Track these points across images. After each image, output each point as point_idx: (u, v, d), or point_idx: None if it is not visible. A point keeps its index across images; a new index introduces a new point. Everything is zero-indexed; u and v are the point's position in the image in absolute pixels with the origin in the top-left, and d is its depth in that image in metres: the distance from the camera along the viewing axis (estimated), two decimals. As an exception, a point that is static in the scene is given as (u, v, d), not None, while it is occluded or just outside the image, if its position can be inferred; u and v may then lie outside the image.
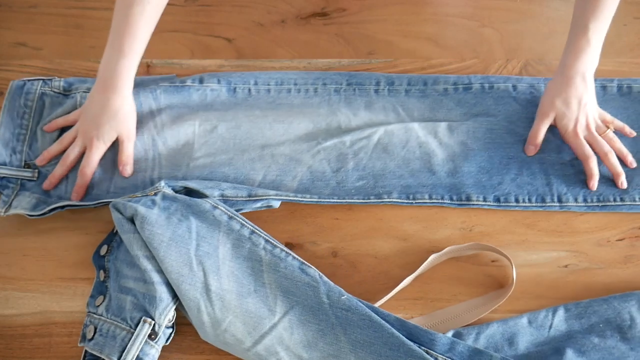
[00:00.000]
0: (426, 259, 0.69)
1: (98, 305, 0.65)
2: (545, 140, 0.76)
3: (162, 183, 0.69)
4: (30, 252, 0.71)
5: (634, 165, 0.74)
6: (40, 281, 0.69)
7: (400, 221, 0.73)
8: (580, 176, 0.74)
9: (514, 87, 0.80)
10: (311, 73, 0.82)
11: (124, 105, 0.73)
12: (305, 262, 0.65)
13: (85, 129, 0.73)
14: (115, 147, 0.75)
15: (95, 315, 0.64)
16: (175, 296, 0.64)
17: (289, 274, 0.64)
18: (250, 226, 0.66)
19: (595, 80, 0.79)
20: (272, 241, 0.66)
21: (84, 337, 0.64)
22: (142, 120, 0.77)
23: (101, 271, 0.67)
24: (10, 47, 0.87)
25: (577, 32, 0.73)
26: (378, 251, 0.71)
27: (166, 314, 0.62)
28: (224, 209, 0.67)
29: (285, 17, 0.90)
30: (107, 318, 0.63)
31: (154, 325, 0.62)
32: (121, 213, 0.66)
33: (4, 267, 0.70)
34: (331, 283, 0.63)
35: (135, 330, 0.62)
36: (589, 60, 0.73)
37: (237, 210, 0.70)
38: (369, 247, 0.72)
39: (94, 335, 0.63)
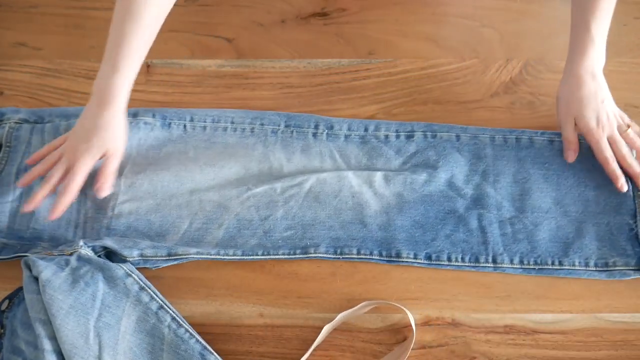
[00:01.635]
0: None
1: None
2: (485, 195, 0.73)
3: (81, 242, 0.66)
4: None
5: None
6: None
7: (401, 221, 0.73)
8: (518, 235, 0.70)
9: (457, 137, 0.77)
10: (249, 112, 0.80)
11: (116, 120, 0.70)
12: (208, 348, 0.62)
13: (74, 145, 0.70)
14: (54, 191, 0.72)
15: None
16: None
17: (187, 358, 0.61)
18: (159, 300, 0.64)
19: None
20: (179, 319, 0.63)
21: None
22: None
23: None
24: (10, 47, 0.87)
25: (578, 32, 0.72)
26: (378, 251, 0.71)
27: None
28: (136, 278, 0.64)
29: (285, 17, 0.90)
30: None
31: None
32: (30, 270, 0.63)
33: (3, 265, 0.70)
34: None
35: None
36: (596, 57, 0.72)
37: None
38: (369, 247, 0.71)
39: None
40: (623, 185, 0.70)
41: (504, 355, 0.65)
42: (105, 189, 0.71)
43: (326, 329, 0.64)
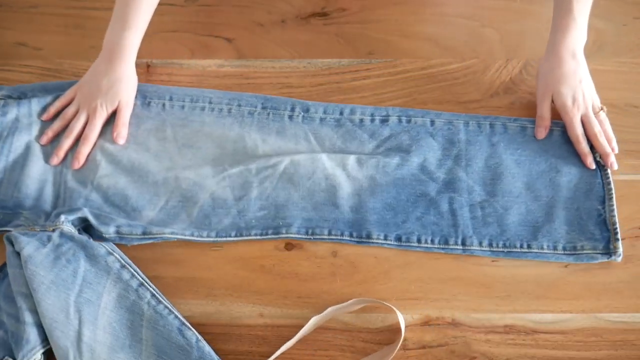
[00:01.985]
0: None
1: None
2: (457, 179, 0.74)
3: (62, 218, 0.67)
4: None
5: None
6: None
7: (401, 221, 0.73)
8: (488, 219, 0.71)
9: (432, 122, 0.78)
10: (227, 93, 0.81)
11: (128, 73, 0.75)
12: (186, 323, 0.63)
13: (88, 97, 0.75)
14: (30, 153, 0.74)
15: None
16: (46, 339, 0.61)
17: (166, 333, 0.62)
18: (140, 278, 0.65)
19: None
20: (159, 296, 0.64)
21: None
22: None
23: None
24: (11, 47, 0.87)
25: (561, 11, 0.74)
26: (378, 251, 0.71)
27: (30, 357, 0.60)
28: (118, 257, 0.66)
29: (285, 17, 0.89)
30: None
31: None
32: (12, 246, 0.64)
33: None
34: (206, 348, 0.62)
35: None
36: (577, 37, 0.74)
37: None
38: (369, 247, 0.71)
39: None
40: (591, 163, 0.74)
41: (504, 355, 0.65)
42: (122, 137, 0.76)
43: (314, 319, 0.65)
